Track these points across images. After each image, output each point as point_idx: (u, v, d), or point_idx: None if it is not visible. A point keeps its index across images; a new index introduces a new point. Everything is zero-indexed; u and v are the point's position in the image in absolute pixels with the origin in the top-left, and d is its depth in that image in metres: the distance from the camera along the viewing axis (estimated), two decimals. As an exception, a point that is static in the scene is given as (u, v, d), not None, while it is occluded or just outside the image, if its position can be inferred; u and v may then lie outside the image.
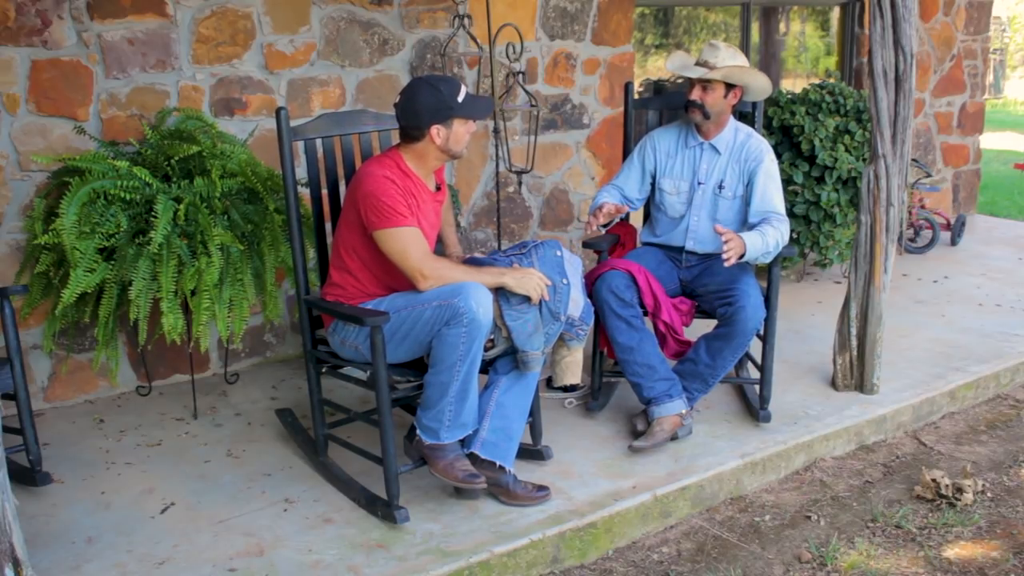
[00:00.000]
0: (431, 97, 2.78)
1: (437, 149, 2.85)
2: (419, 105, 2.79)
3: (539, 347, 2.84)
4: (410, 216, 2.77)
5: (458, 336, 2.67)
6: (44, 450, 3.25)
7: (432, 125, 2.79)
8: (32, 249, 3.44)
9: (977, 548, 2.87)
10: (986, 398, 4.00)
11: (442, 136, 2.82)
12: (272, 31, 4.01)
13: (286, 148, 2.93)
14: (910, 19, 3.47)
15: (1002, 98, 18.71)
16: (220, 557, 2.66)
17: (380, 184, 2.77)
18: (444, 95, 2.79)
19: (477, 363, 2.76)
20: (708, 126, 3.43)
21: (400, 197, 2.77)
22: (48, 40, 3.55)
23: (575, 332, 3.00)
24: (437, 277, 2.72)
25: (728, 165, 3.44)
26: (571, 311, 2.88)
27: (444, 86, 2.80)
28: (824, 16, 6.27)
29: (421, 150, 2.86)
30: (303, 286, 3.06)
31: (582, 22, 4.88)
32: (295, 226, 3.01)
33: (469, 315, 2.64)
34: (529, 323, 2.80)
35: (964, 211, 6.85)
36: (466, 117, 2.84)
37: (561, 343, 3.04)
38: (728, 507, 3.13)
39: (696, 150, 3.48)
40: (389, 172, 2.81)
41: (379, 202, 2.74)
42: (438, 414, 2.78)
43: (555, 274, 2.86)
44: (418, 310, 2.73)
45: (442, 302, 2.68)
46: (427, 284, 2.72)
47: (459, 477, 2.79)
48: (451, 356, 2.70)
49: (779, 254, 3.38)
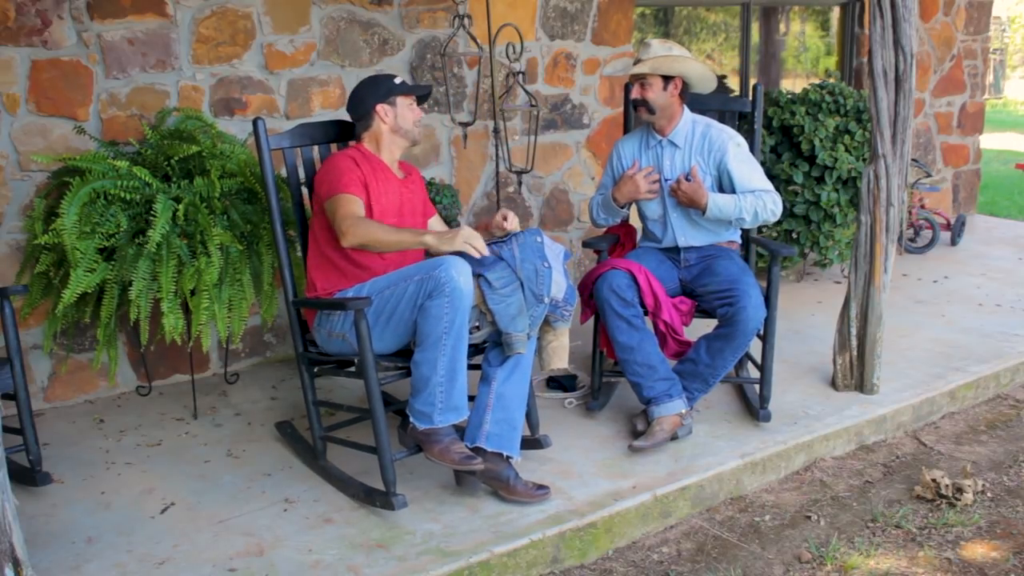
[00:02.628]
0: (371, 83, 3.08)
1: (389, 130, 3.06)
2: (362, 92, 3.07)
3: (523, 329, 2.88)
4: (354, 187, 2.91)
5: (441, 307, 2.72)
6: (44, 450, 3.25)
7: (376, 105, 3.03)
8: (32, 249, 3.44)
9: (977, 548, 2.87)
10: (986, 398, 4.00)
11: (390, 115, 3.05)
12: (272, 31, 4.01)
13: (265, 156, 3.03)
14: (910, 19, 3.47)
15: (1002, 98, 18.72)
16: (220, 557, 2.66)
17: (337, 161, 2.99)
18: (381, 79, 3.08)
19: (464, 339, 2.79)
20: (660, 122, 3.46)
21: (352, 171, 2.95)
22: (48, 40, 3.56)
23: (560, 313, 3.03)
24: (353, 233, 2.81)
25: (691, 158, 3.46)
26: (554, 293, 2.94)
27: (380, 76, 3.11)
28: (824, 16, 6.27)
29: (376, 134, 3.08)
30: (291, 289, 3.08)
31: (582, 22, 4.88)
32: (279, 231, 3.07)
33: (451, 284, 2.70)
34: (512, 306, 2.86)
35: (964, 211, 6.85)
36: (405, 93, 3.06)
37: (547, 327, 3.07)
38: (728, 507, 3.13)
39: (657, 149, 3.51)
40: (351, 152, 3.05)
41: (330, 175, 2.96)
42: (429, 396, 2.80)
43: (536, 258, 2.91)
44: (400, 287, 2.80)
45: (423, 276, 2.76)
46: (346, 241, 2.83)
47: (455, 459, 2.80)
48: (436, 329, 2.74)
49: (779, 254, 3.38)
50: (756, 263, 3.93)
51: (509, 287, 2.85)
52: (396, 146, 3.10)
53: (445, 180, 4.57)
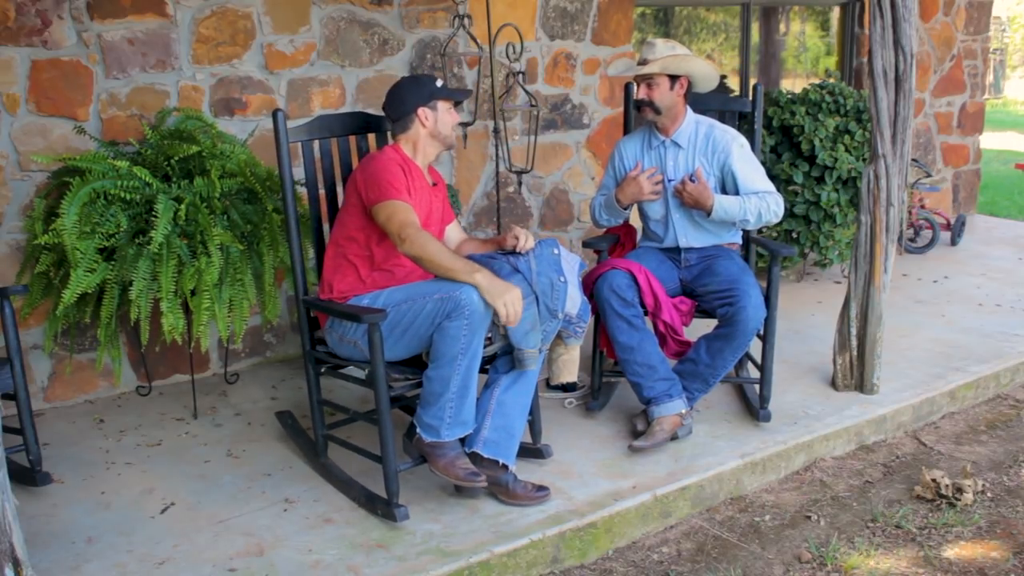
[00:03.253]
0: (413, 84, 3.01)
1: (428, 134, 3.00)
2: (404, 92, 2.99)
3: (535, 345, 2.85)
4: (406, 194, 2.86)
5: (459, 328, 2.69)
6: (44, 450, 3.25)
7: (418, 107, 2.97)
8: (32, 249, 3.44)
9: (977, 548, 2.87)
10: (986, 398, 4.00)
11: (430, 119, 2.98)
12: (272, 31, 4.01)
13: (284, 150, 2.97)
14: (910, 19, 3.47)
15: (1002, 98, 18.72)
16: (220, 557, 2.66)
17: (386, 163, 2.91)
18: (424, 81, 3.01)
19: (478, 358, 2.77)
20: (664, 122, 3.45)
21: (401, 176, 2.88)
22: (48, 40, 3.56)
23: (573, 330, 3.01)
24: (412, 243, 2.75)
25: (695, 158, 3.45)
26: (568, 308, 2.90)
27: (423, 76, 3.06)
28: (824, 16, 6.27)
29: (413, 137, 3.01)
30: (302, 287, 3.07)
31: (582, 22, 4.88)
32: (293, 227, 3.03)
33: (471, 307, 2.67)
34: (526, 321, 2.81)
35: (964, 211, 6.85)
36: (447, 98, 3.01)
37: (559, 341, 3.05)
38: (728, 507, 3.13)
39: (660, 149, 3.50)
40: (395, 155, 2.96)
41: (380, 178, 2.86)
42: (439, 411, 2.78)
43: (552, 272, 2.87)
44: (419, 303, 2.76)
45: (443, 295, 2.71)
46: (403, 247, 2.78)
47: (460, 475, 2.79)
48: (452, 349, 2.71)
49: (779, 254, 3.38)
50: (756, 263, 3.93)
51: (524, 301, 2.80)
52: (432, 150, 3.04)
53: (445, 180, 4.57)
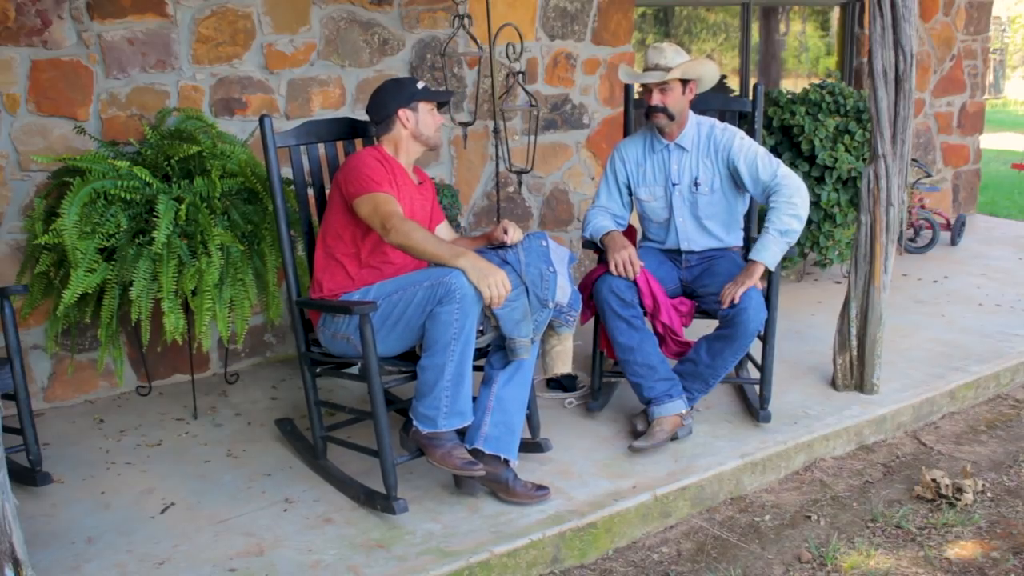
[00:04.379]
0: (394, 86, 3.05)
1: (409, 135, 3.04)
2: (385, 95, 3.03)
3: (527, 334, 2.87)
4: (388, 186, 2.89)
5: (451, 313, 2.71)
6: (44, 450, 3.25)
7: (399, 109, 3.00)
8: (32, 249, 3.44)
9: (977, 548, 2.87)
10: (986, 398, 4.00)
11: (411, 120, 3.02)
12: (272, 31, 4.01)
13: (271, 154, 3.00)
14: (910, 19, 3.47)
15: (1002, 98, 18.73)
16: (220, 557, 2.66)
17: (364, 159, 2.94)
18: (405, 83, 3.05)
19: (471, 345, 2.78)
20: (672, 127, 3.42)
21: (381, 171, 2.92)
22: (48, 40, 3.56)
23: (564, 319, 3.02)
24: (397, 231, 2.76)
25: (699, 161, 3.44)
26: (559, 298, 2.93)
27: (405, 79, 3.08)
28: (824, 16, 6.27)
29: (395, 138, 3.05)
30: (294, 289, 3.08)
31: (582, 22, 4.88)
32: (283, 230, 3.05)
33: (461, 291, 2.70)
34: (517, 310, 2.84)
35: (964, 211, 6.85)
36: (428, 99, 3.04)
37: (551, 331, 3.06)
38: (728, 507, 3.13)
39: (663, 153, 3.48)
40: (375, 153, 3.00)
41: (360, 173, 2.89)
42: (434, 400, 2.79)
43: (542, 263, 2.90)
44: (409, 292, 2.78)
45: (433, 282, 2.74)
46: (389, 237, 2.79)
47: (457, 465, 2.80)
48: (445, 335, 2.73)
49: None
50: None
51: (514, 292, 2.83)
52: (414, 150, 3.08)
53: (445, 180, 4.58)
